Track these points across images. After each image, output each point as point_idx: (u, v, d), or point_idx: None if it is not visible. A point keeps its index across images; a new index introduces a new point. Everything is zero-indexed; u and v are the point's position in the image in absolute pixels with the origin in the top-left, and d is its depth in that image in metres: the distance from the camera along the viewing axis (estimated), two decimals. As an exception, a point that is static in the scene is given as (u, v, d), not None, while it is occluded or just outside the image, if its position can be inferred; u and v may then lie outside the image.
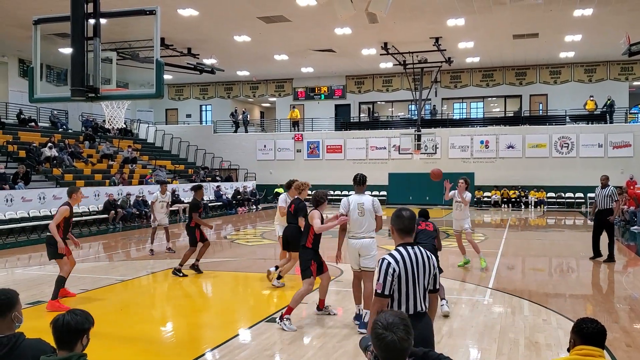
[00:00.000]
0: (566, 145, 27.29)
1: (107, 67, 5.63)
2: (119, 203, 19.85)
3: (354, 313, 6.91)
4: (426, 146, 25.93)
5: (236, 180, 30.98)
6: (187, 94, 36.47)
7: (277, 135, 32.64)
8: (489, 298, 8.29)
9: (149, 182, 23.24)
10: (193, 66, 24.02)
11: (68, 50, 5.46)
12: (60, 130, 26.11)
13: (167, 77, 30.31)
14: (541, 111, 30.47)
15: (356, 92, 33.08)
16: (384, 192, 28.62)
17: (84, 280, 9.59)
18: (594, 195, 11.91)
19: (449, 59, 25.41)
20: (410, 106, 31.99)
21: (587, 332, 3.13)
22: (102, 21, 5.51)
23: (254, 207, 28.08)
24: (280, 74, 32.57)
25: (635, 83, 29.34)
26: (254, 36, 23.09)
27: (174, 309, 8.19)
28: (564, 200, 27.00)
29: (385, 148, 29.74)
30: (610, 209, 11.39)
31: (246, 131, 33.42)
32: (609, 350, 5.54)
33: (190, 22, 20.60)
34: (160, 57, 5.36)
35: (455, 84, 31.15)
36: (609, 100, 27.31)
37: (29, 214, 16.73)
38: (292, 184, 9.29)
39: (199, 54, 25.01)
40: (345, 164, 29.81)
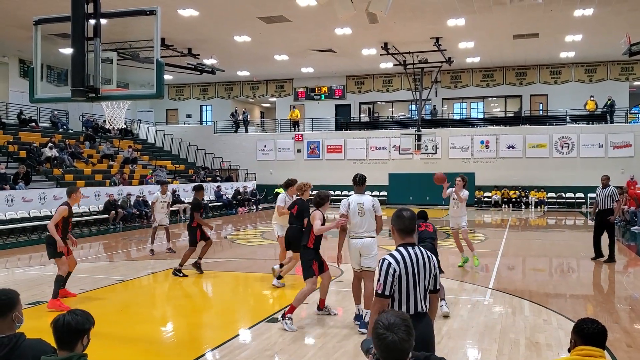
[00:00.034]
0: (566, 145, 27.28)
1: (108, 67, 5.63)
2: (119, 203, 19.86)
3: (354, 313, 6.91)
4: (426, 146, 25.93)
5: (236, 181, 30.98)
6: (188, 94, 36.49)
7: (277, 135, 32.64)
8: (489, 298, 8.29)
9: (150, 183, 23.25)
10: (193, 66, 24.04)
11: (68, 51, 5.46)
12: (61, 130, 26.12)
13: (167, 77, 30.32)
14: (541, 111, 30.46)
15: (356, 92, 33.08)
16: (384, 193, 28.61)
17: (84, 281, 9.60)
18: (595, 195, 11.90)
19: (449, 59, 25.41)
20: (410, 106, 31.98)
21: (588, 333, 3.13)
22: (103, 21, 5.51)
23: (254, 207, 28.07)
24: (281, 74, 32.57)
25: (635, 83, 29.33)
26: (254, 36, 23.09)
27: (175, 309, 8.19)
28: (564, 200, 26.99)
29: (385, 148, 29.73)
30: (611, 209, 11.37)
31: (246, 131, 33.41)
32: (609, 350, 5.54)
33: (191, 22, 20.60)
34: (161, 57, 5.36)
35: (456, 84, 31.15)
36: (609, 100, 27.30)
37: (29, 214, 16.75)
38: (290, 183, 9.26)
39: (199, 54, 25.02)
40: (345, 164, 29.80)
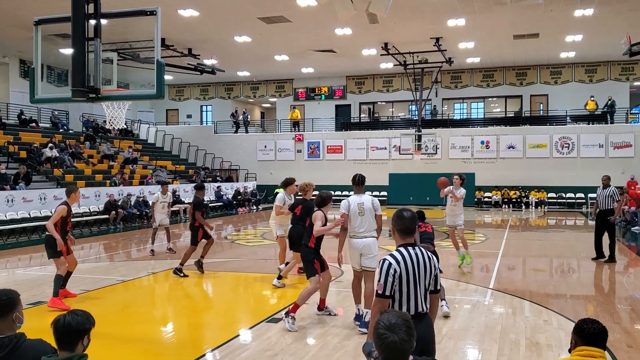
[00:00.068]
0: (567, 145, 27.27)
1: (108, 67, 5.64)
2: (119, 203, 19.86)
3: (354, 313, 6.91)
4: (427, 146, 25.92)
5: (237, 181, 30.99)
6: (188, 94, 36.49)
7: (277, 135, 32.63)
8: (489, 299, 8.28)
9: (150, 183, 23.26)
10: (193, 67, 24.05)
11: (69, 51, 5.46)
12: (61, 130, 26.14)
13: (167, 77, 30.31)
14: (542, 111, 30.45)
15: (356, 93, 33.08)
16: (385, 193, 28.59)
17: (84, 281, 9.60)
18: (596, 195, 11.90)
19: (450, 59, 25.40)
20: (410, 106, 31.97)
21: (588, 333, 3.13)
22: (103, 22, 5.51)
23: (254, 207, 28.08)
24: (281, 75, 32.58)
25: (636, 83, 29.32)
26: (254, 37, 23.09)
27: (175, 309, 8.19)
28: (564, 200, 26.98)
29: (385, 148, 29.73)
30: (612, 210, 11.36)
31: (247, 132, 33.40)
32: (610, 351, 5.53)
33: (191, 22, 20.61)
34: (161, 57, 5.37)
35: (456, 84, 31.15)
36: (609, 100, 27.29)
37: (29, 214, 16.75)
38: (288, 182, 9.26)
39: (199, 55, 25.02)
40: (345, 164, 29.79)
